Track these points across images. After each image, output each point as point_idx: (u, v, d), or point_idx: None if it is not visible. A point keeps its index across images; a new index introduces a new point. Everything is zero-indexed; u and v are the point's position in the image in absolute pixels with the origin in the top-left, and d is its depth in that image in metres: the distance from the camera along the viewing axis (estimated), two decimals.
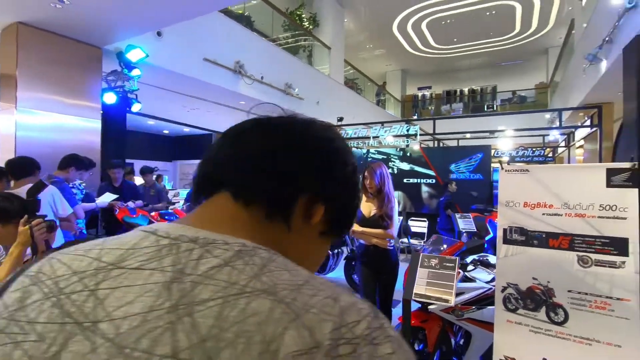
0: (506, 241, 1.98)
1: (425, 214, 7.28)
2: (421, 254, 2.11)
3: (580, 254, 1.77)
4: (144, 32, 5.27)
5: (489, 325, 2.41)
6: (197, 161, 0.55)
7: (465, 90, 18.57)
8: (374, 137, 7.52)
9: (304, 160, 0.50)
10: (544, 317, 1.83)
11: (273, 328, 0.33)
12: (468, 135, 11.24)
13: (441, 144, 10.20)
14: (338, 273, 5.25)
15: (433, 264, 2.04)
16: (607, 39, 6.05)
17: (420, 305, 2.57)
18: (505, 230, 1.99)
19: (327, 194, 0.51)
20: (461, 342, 2.64)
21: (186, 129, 13.02)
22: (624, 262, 1.67)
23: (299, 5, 12.45)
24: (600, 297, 1.70)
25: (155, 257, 0.40)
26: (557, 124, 12.17)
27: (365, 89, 16.41)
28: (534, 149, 7.86)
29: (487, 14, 13.27)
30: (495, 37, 15.20)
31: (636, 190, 1.68)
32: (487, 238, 5.12)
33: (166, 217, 3.42)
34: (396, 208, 2.87)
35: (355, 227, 2.73)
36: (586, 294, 1.74)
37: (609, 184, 1.74)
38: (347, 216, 0.56)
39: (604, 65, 6.49)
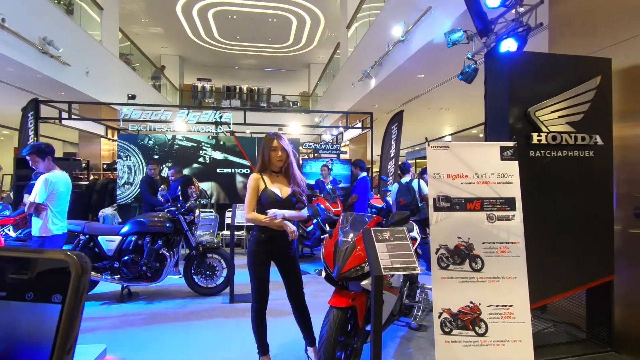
0: (436, 209, 2.26)
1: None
2: (372, 230, 2.07)
3: (488, 212, 2.26)
4: None
5: (394, 289, 2.68)
6: None
7: (244, 88, 19.41)
8: (187, 122, 6.64)
9: None
10: (467, 267, 2.22)
11: None
12: (248, 131, 11.83)
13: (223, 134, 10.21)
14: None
15: (387, 237, 2.05)
16: (377, 61, 7.87)
17: (335, 288, 2.52)
18: (435, 199, 2.26)
19: None
20: None
21: None
22: (513, 215, 2.26)
23: None
24: (502, 243, 2.24)
25: None
26: (323, 124, 14.72)
27: (141, 68, 14.26)
28: (332, 144, 9.22)
29: (270, 20, 14.37)
30: (272, 44, 16.68)
31: (517, 162, 2.32)
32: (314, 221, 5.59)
33: None
34: None
35: (277, 213, 2.32)
36: (494, 243, 2.24)
37: (502, 158, 2.31)
38: None
39: (373, 82, 8.41)
